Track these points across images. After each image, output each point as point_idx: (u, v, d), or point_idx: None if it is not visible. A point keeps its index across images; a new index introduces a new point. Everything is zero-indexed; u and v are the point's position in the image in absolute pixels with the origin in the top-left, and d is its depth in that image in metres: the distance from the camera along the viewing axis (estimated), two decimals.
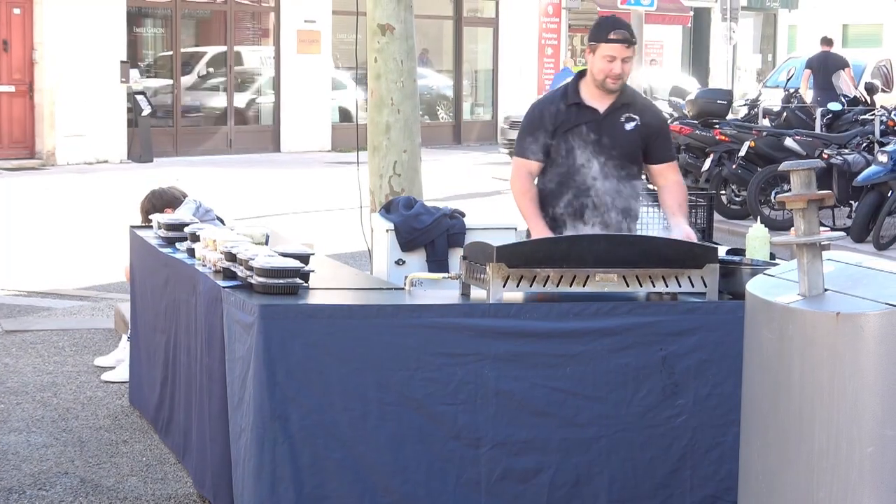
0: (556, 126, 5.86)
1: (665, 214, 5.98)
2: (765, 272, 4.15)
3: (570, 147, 5.80)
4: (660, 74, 29.04)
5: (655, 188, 6.11)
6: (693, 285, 4.94)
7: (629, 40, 5.84)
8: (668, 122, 16.95)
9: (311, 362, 4.63)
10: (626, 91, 5.93)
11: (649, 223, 6.44)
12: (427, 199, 8.21)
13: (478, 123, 29.76)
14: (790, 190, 3.85)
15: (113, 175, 20.77)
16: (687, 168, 15.97)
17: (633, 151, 5.92)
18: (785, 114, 17.13)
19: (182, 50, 24.66)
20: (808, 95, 19.77)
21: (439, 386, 4.73)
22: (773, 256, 5.50)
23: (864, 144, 14.98)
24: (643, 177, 6.16)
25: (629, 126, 5.90)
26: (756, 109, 17.61)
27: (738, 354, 4.33)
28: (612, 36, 5.84)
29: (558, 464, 4.85)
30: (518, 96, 28.29)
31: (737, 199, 15.57)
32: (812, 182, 3.89)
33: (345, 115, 26.76)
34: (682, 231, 5.77)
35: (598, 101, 5.91)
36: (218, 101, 25.22)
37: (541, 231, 5.82)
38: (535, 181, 5.97)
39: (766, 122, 17.27)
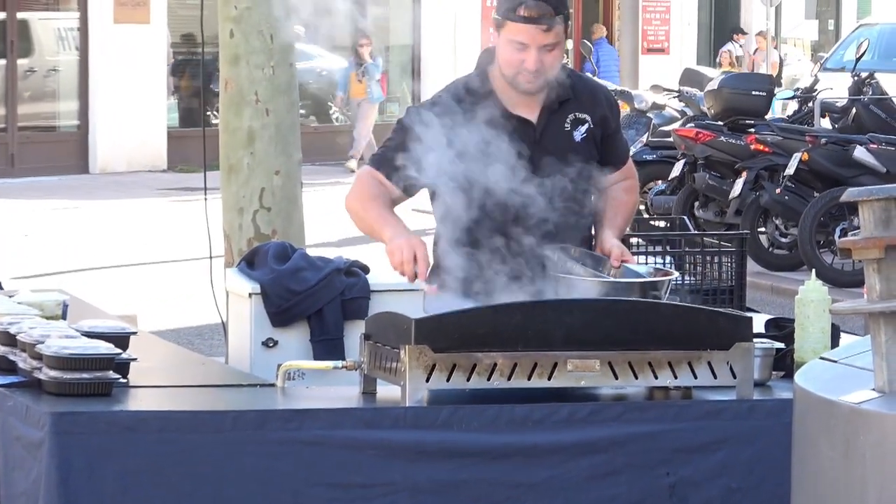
0: (465, 154, 5.52)
1: (596, 220, 5.75)
2: (822, 356, 4.17)
3: (495, 184, 5.48)
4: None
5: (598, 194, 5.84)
6: (716, 376, 4.94)
7: (548, 19, 5.45)
8: (681, 122, 17.20)
9: (130, 500, 4.60)
10: (559, 80, 5.63)
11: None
12: (311, 246, 8.22)
13: (391, 127, 29.75)
14: (858, 228, 3.88)
15: None
16: (707, 194, 15.90)
17: (588, 168, 5.67)
18: (854, 110, 17.21)
19: None
20: None
21: None
22: (835, 329, 5.52)
23: None
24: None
25: (579, 134, 5.69)
26: (811, 104, 17.74)
27: (783, 480, 4.34)
28: (520, 12, 5.47)
29: None
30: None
31: (783, 239, 15.61)
32: (893, 217, 3.91)
33: (187, 118, 26.73)
34: (611, 244, 5.60)
35: (525, 106, 5.64)
36: None
37: (395, 228, 5.50)
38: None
39: (825, 123, 17.35)
